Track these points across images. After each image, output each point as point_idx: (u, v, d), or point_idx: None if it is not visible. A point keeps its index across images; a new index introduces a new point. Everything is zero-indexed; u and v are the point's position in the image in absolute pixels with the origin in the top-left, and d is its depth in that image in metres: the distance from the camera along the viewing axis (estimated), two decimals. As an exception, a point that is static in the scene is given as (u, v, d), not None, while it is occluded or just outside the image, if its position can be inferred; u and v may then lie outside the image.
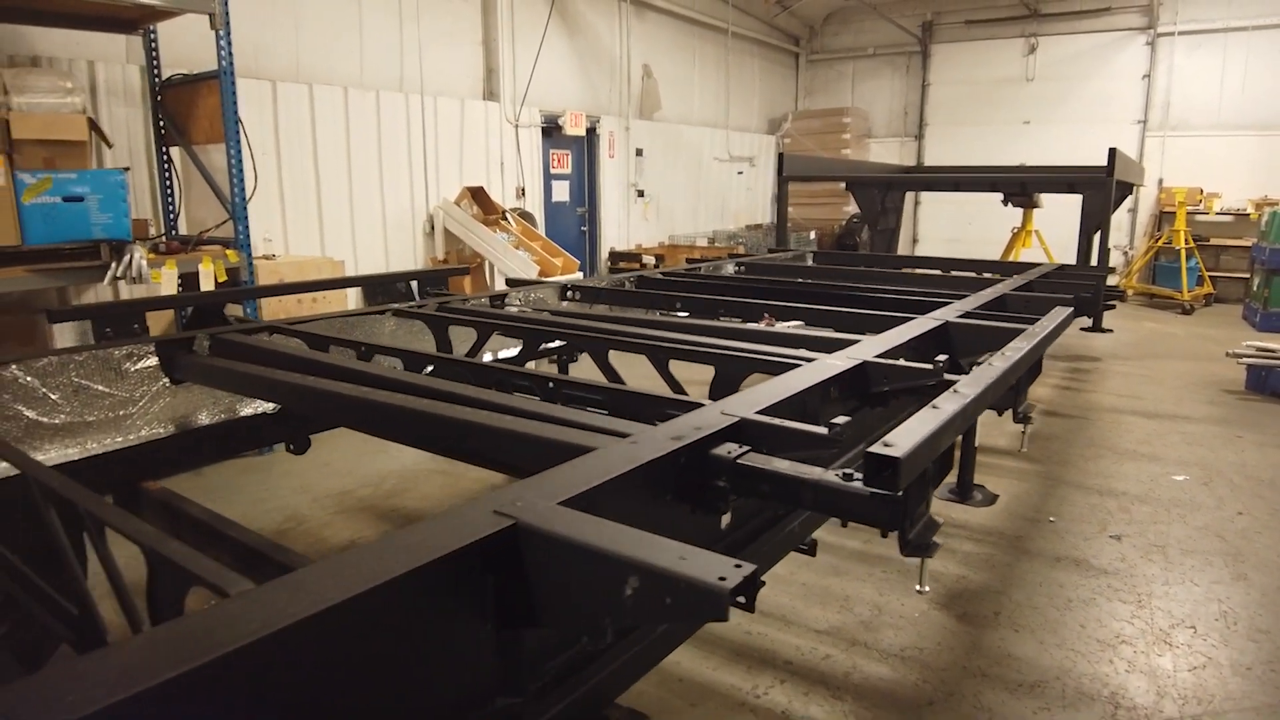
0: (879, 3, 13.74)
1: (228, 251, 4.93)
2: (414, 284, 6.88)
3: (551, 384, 2.37)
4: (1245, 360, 6.91)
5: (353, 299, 6.50)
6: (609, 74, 10.57)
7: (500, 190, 8.74)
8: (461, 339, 3.30)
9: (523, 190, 9.12)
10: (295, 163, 6.76)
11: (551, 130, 9.58)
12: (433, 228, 7.99)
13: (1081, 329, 7.52)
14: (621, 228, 11.02)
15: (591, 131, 10.22)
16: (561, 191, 10.09)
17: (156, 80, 5.45)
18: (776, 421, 1.71)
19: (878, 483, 1.32)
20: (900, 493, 1.37)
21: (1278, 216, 9.92)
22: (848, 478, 1.46)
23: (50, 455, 2.52)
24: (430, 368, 2.79)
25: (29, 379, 2.50)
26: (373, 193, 7.48)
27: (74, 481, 1.63)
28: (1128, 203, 11.65)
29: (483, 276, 7.99)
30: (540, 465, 1.46)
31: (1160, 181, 12.84)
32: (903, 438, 1.37)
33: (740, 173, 13.88)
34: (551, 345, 3.55)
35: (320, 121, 6.93)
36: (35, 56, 5.29)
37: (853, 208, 13.80)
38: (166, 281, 4.62)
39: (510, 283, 4.52)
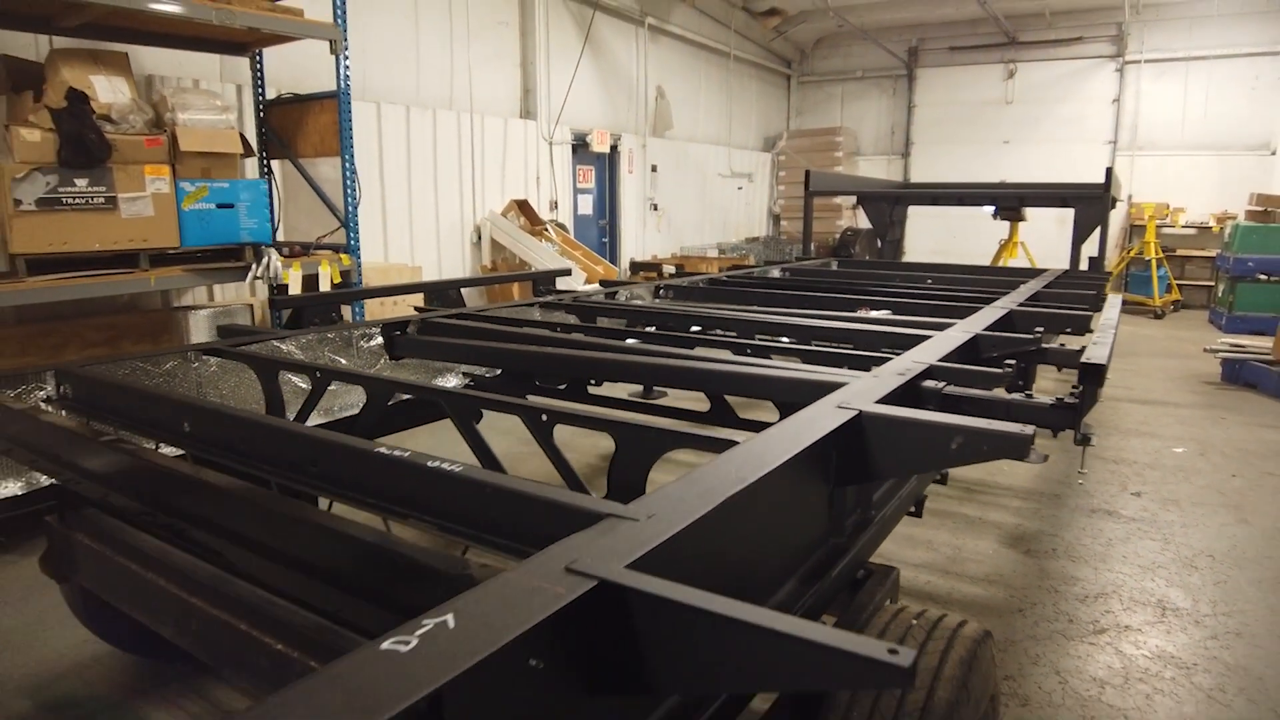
0: (867, 28, 14.61)
1: (341, 256, 5.45)
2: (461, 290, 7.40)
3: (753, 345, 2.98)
4: (1221, 355, 7.76)
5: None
6: (627, 95, 11.24)
7: (537, 203, 9.32)
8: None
9: (555, 203, 9.72)
10: (364, 176, 7.28)
11: (578, 147, 10.21)
12: (479, 237, 8.55)
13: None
14: (638, 239, 11.67)
15: (613, 149, 10.87)
16: (586, 205, 10.71)
17: (261, 98, 5.96)
18: (958, 366, 2.35)
19: (1084, 384, 1.96)
20: (1080, 400, 2.03)
21: (1239, 229, 10.91)
22: (1030, 396, 2.11)
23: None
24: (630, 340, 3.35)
25: (290, 348, 3.05)
26: (429, 204, 8.03)
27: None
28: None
29: (528, 285, 8.54)
30: (802, 399, 2.03)
31: (1130, 197, 13.85)
32: (1095, 353, 2.02)
33: (740, 188, 14.63)
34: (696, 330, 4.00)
35: (386, 138, 7.48)
36: (148, 76, 5.79)
37: (845, 221, 14.65)
38: (293, 282, 5.14)
39: (604, 284, 5.12)
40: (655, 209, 11.97)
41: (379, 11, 7.47)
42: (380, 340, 3.32)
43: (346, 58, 5.26)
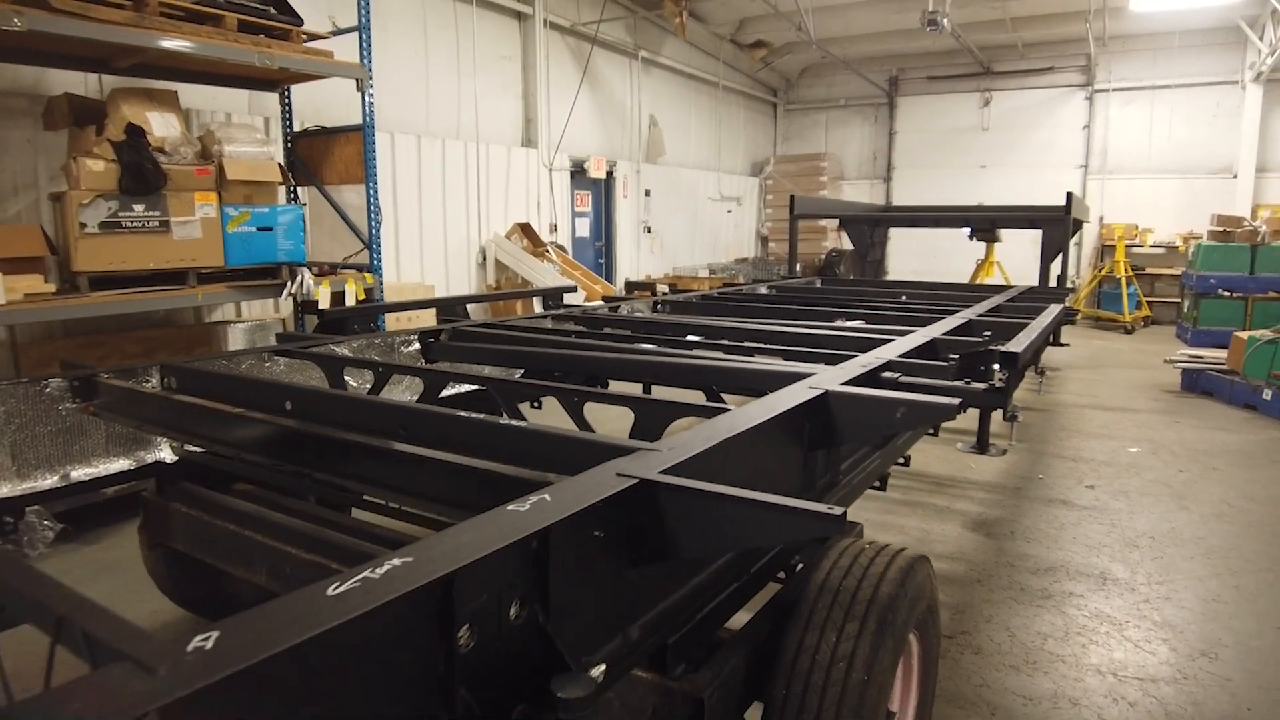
0: (849, 59, 15.28)
1: (365, 275, 5.93)
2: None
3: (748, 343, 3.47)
4: (1180, 365, 8.31)
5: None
6: (622, 123, 11.82)
7: (538, 226, 9.84)
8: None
9: (555, 226, 10.25)
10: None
11: (576, 173, 10.76)
12: (484, 258, 9.05)
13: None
14: (633, 260, 12.20)
15: (609, 174, 11.43)
16: (583, 227, 11.25)
17: (289, 130, 6.46)
18: (912, 360, 2.85)
19: (1003, 369, 2.45)
20: (1005, 384, 2.52)
21: (1202, 248, 11.53)
22: (968, 384, 2.60)
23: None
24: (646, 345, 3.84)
25: (344, 350, 3.51)
26: (437, 228, 8.53)
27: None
28: (1074, 237, 13.22)
29: (529, 302, 9.04)
30: (781, 386, 2.52)
31: (1101, 219, 14.50)
32: (1013, 345, 2.52)
33: (729, 211, 15.21)
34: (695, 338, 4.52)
35: (399, 166, 7.99)
36: (185, 110, 6.27)
37: (830, 243, 15.24)
38: (322, 298, 5.61)
39: (606, 299, 5.60)
40: (649, 231, 12.52)
41: (392, 48, 8.01)
42: (417, 346, 3.80)
43: (371, 94, 5.77)
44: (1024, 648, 3.28)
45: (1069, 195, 7.54)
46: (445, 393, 3.60)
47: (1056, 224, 7.88)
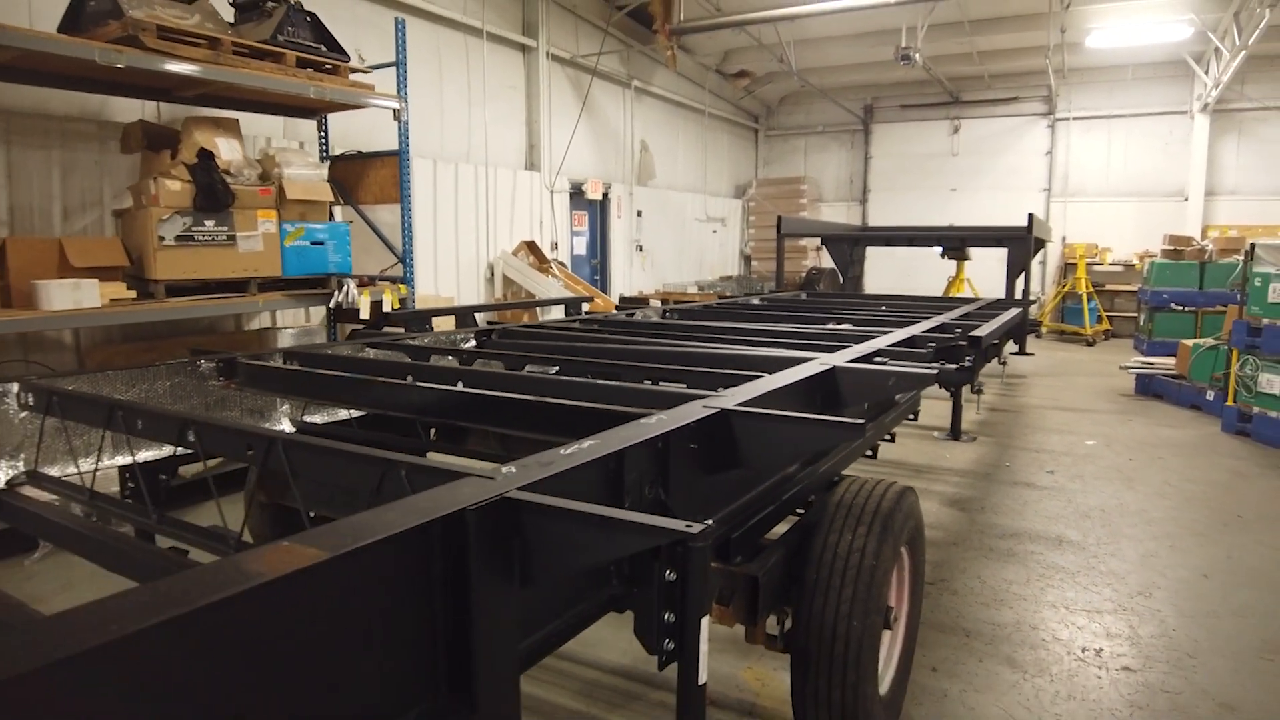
0: (827, 88, 16.15)
1: (400, 286, 6.51)
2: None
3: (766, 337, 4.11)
4: (1134, 370, 9.10)
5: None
6: (616, 148, 12.52)
7: (540, 244, 10.46)
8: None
9: (555, 244, 10.88)
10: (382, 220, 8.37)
11: (575, 195, 11.42)
12: (492, 274, 9.65)
13: (1011, 352, 9.62)
14: (625, 276, 12.86)
15: (605, 196, 12.11)
16: (580, 246, 11.89)
17: (325, 153, 7.05)
18: (899, 349, 3.51)
19: (973, 350, 3.12)
20: (972, 364, 3.19)
21: (1155, 266, 12.42)
22: (944, 365, 3.27)
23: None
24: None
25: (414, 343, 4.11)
26: (450, 245, 9.13)
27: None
28: (1039, 256, 14.09)
29: (534, 313, 9.64)
30: (790, 367, 3.16)
31: (1064, 238, 15.43)
32: (978, 331, 3.19)
33: (715, 231, 15.95)
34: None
35: (416, 188, 8.58)
36: (229, 137, 6.84)
37: (810, 261, 16.02)
38: (363, 307, 6.18)
39: (620, 307, 6.22)
40: (640, 249, 13.19)
41: (411, 78, 8.61)
42: (473, 343, 4.40)
43: (407, 123, 6.39)
44: (992, 590, 3.93)
45: (1030, 216, 8.30)
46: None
47: (1020, 242, 8.65)
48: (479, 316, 5.26)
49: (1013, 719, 2.86)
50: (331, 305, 5.93)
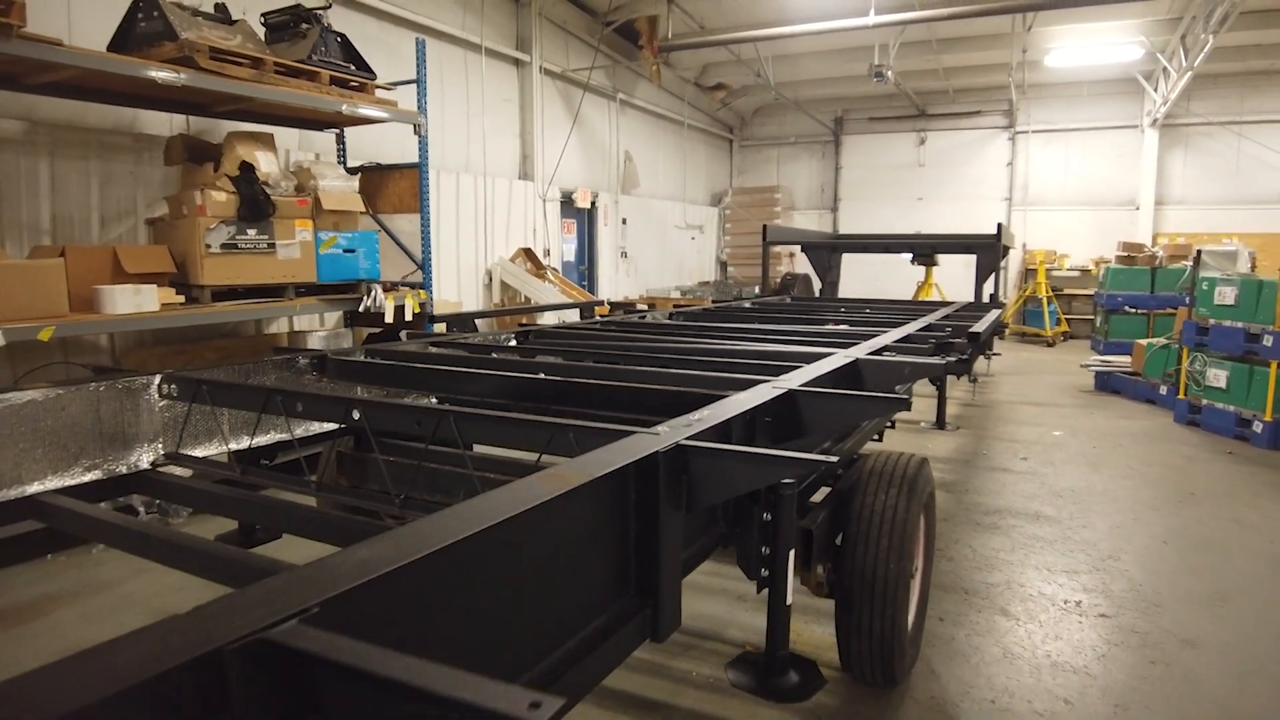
0: (799, 101, 16.79)
1: (420, 292, 6.88)
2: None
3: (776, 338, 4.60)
4: (1093, 369, 9.80)
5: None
6: (602, 158, 12.98)
7: (535, 251, 10.87)
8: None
9: (548, 251, 11.30)
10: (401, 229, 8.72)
11: (565, 203, 11.85)
12: (490, 279, 10.04)
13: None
14: (611, 282, 13.31)
15: (593, 205, 12.55)
16: (569, 252, 12.32)
17: (343, 164, 7.40)
18: (903, 345, 4.02)
19: (970, 343, 3.64)
20: (969, 356, 3.71)
21: (1110, 271, 13.23)
22: (945, 358, 3.79)
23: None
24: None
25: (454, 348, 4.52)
26: (451, 252, 9.50)
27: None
28: (1002, 262, 14.87)
29: (533, 318, 10.05)
30: (812, 361, 3.65)
31: (1024, 245, 16.24)
32: (974, 328, 3.71)
33: (693, 238, 16.48)
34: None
35: (422, 196, 8.94)
36: (250, 149, 7.15)
37: (785, 267, 16.62)
38: (387, 311, 6.55)
39: (628, 311, 6.68)
40: (625, 256, 13.66)
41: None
42: (514, 341, 4.83)
43: (425, 136, 6.78)
44: (983, 557, 4.46)
45: (999, 225, 8.95)
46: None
47: (989, 249, 9.28)
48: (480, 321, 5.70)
49: (1011, 654, 3.38)
50: (360, 309, 6.28)
